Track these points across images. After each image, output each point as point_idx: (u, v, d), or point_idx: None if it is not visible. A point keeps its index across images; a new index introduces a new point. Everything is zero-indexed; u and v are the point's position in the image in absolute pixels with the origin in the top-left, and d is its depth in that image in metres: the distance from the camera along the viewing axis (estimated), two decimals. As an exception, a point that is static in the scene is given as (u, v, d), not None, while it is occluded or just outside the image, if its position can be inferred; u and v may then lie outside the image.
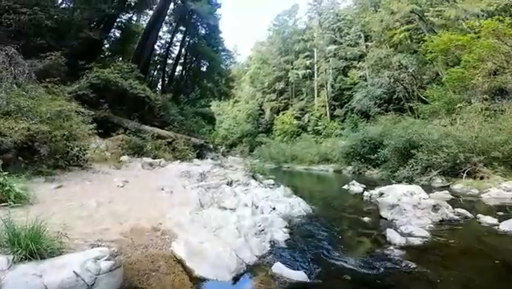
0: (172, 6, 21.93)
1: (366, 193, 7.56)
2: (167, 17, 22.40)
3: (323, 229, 4.21)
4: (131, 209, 3.95)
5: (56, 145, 6.21)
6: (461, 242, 3.74)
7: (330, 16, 36.55)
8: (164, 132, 12.96)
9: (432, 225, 4.36)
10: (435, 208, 4.90)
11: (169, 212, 3.89)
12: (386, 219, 4.80)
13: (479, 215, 4.87)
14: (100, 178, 6.07)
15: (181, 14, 22.61)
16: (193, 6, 19.40)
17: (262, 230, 3.40)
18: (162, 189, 5.27)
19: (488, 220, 4.60)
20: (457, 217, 4.83)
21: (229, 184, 6.26)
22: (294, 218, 4.69)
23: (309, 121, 33.01)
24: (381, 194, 6.85)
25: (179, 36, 24.68)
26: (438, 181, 9.93)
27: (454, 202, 6.04)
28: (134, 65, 14.53)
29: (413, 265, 2.90)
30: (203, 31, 24.50)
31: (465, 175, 9.42)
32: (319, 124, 31.43)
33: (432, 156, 10.15)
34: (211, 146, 21.48)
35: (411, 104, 20.27)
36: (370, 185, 9.15)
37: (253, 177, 8.42)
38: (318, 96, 34.81)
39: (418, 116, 17.65)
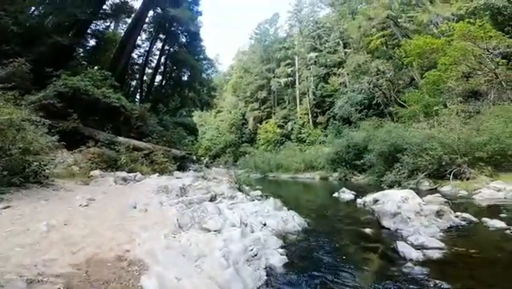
0: (151, 13, 21.28)
1: (359, 201, 7.19)
2: (146, 25, 21.69)
3: (324, 247, 3.67)
4: (91, 234, 3.21)
5: (11, 160, 5.38)
6: (481, 252, 3.35)
7: (310, 24, 37.45)
8: (141, 144, 12.04)
9: (442, 234, 3.97)
10: (438, 214, 4.54)
11: (140, 235, 3.18)
12: (389, 229, 4.35)
13: (484, 219, 4.59)
14: (61, 196, 5.20)
15: (161, 21, 21.98)
16: (173, 13, 18.86)
17: (255, 255, 2.78)
18: (135, 207, 4.51)
19: (495, 224, 4.32)
20: (463, 223, 4.51)
21: (213, 198, 5.59)
22: (289, 235, 4.12)
23: (292, 129, 32.94)
24: (376, 201, 6.49)
25: (158, 44, 23.96)
26: (425, 184, 9.88)
27: (449, 205, 5.74)
28: (108, 73, 13.60)
29: (445, 285, 2.45)
30: (183, 39, 23.93)
31: (451, 177, 9.41)
32: (303, 131, 31.41)
33: (417, 159, 10.12)
34: (194, 157, 20.65)
35: (391, 109, 20.69)
36: (360, 191, 8.83)
37: (239, 189, 7.79)
38: (300, 104, 34.99)
39: (397, 121, 17.95)
